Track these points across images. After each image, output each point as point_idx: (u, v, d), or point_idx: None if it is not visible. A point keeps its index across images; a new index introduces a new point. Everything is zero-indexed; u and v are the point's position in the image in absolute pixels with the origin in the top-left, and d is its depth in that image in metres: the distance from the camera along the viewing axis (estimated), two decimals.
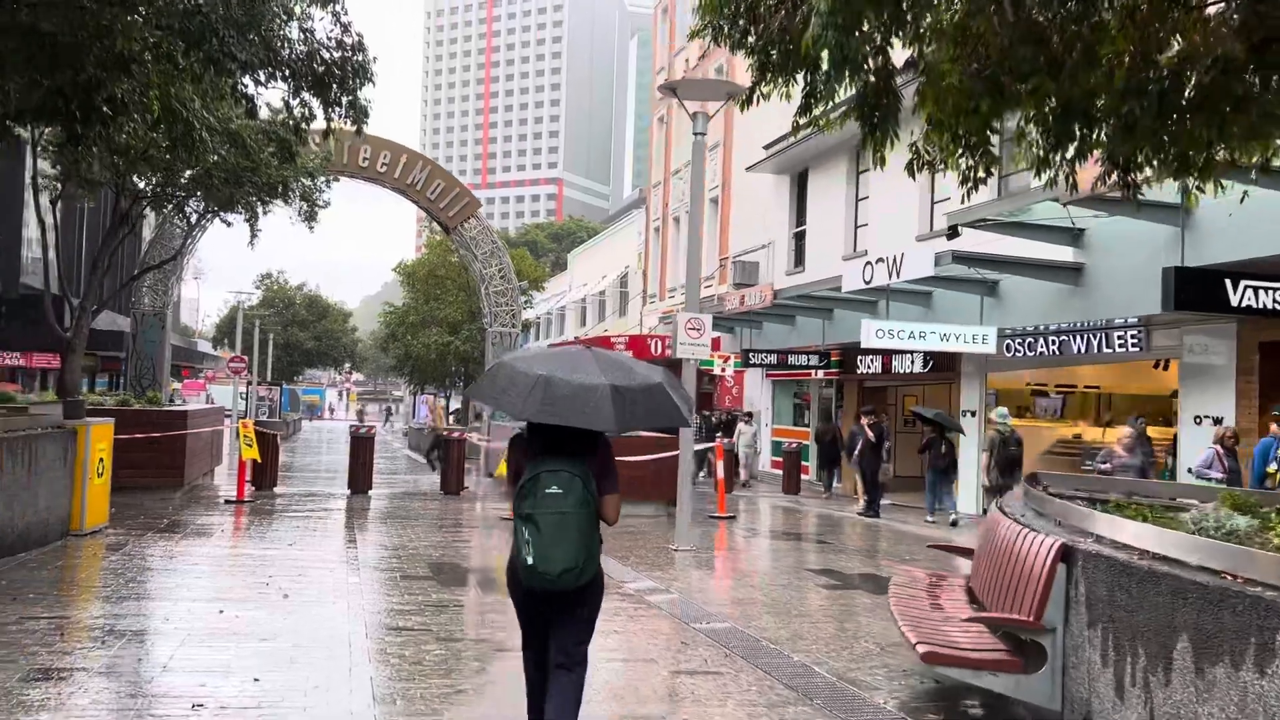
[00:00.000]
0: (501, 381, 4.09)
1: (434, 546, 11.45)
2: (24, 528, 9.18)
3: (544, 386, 3.90)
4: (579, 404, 3.88)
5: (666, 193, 36.13)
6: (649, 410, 4.11)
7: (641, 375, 4.17)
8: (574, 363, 4.10)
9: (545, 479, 3.92)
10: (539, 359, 4.20)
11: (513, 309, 22.39)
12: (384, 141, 21.60)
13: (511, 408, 4.03)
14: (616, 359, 4.31)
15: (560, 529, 3.88)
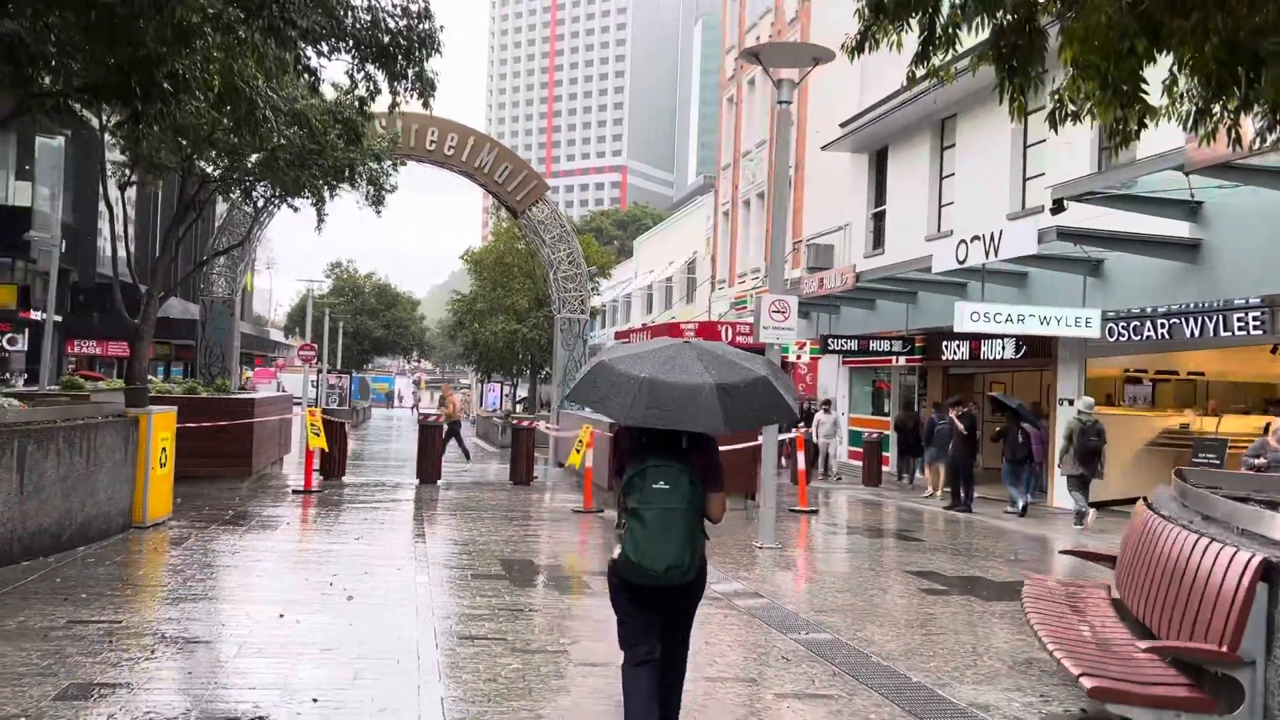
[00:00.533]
0: (603, 385, 4.02)
1: (505, 541, 10.88)
2: (83, 521, 8.80)
3: (648, 390, 3.84)
4: (685, 406, 3.82)
5: (736, 175, 35.24)
6: (756, 408, 4.04)
7: (745, 370, 4.06)
8: (675, 360, 4.01)
9: (652, 474, 3.90)
10: (638, 358, 4.09)
11: (581, 295, 21.79)
12: (451, 123, 21.12)
13: (616, 413, 3.95)
14: (717, 351, 4.17)
15: (667, 525, 3.86)
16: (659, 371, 3.92)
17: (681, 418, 3.84)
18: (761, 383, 4.04)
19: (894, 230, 23.44)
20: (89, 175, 28.70)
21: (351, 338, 61.22)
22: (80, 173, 26.53)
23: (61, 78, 10.91)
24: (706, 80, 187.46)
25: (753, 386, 4.00)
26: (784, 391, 4.13)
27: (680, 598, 4.12)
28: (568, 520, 13.21)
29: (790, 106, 11.72)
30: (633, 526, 3.89)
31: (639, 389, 3.86)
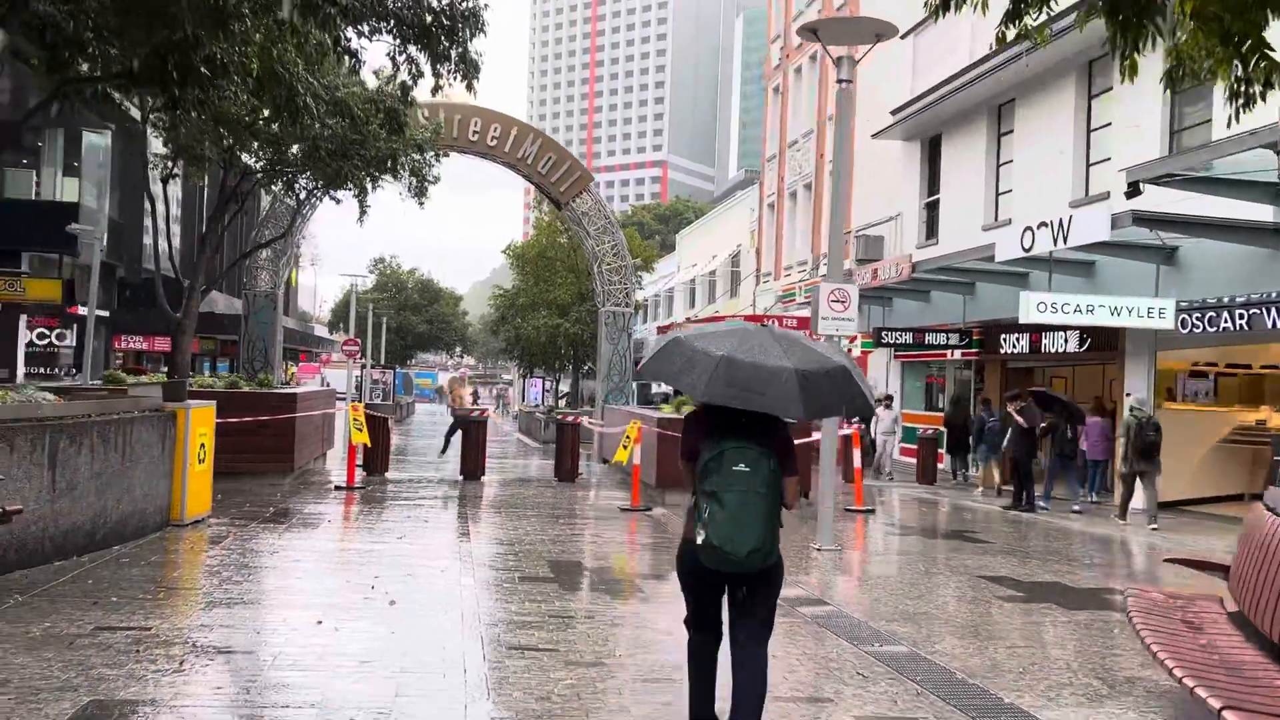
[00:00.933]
0: (679, 360, 3.96)
1: (552, 541, 10.46)
2: (119, 519, 8.50)
3: (726, 367, 3.78)
4: (764, 388, 3.76)
5: (782, 167, 34.58)
6: (835, 397, 3.97)
7: (824, 357, 4.00)
8: (754, 341, 3.94)
9: (731, 455, 3.81)
10: (716, 336, 4.02)
11: (626, 288, 21.32)
12: (494, 114, 20.75)
13: (692, 387, 3.88)
14: (796, 338, 4.11)
15: (747, 507, 3.78)
16: (737, 351, 3.85)
17: (761, 399, 3.77)
18: (840, 371, 3.96)
19: (948, 220, 22.72)
20: (135, 171, 28.78)
21: (395, 333, 61.32)
22: (127, 169, 26.54)
23: (99, 65, 10.67)
24: (748, 74, 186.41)
25: (831, 375, 3.92)
26: (861, 383, 4.07)
27: (759, 583, 4.04)
28: (615, 518, 12.76)
29: (851, 85, 11.14)
30: (712, 510, 3.78)
31: (716, 366, 3.79)
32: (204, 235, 16.04)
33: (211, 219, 16.13)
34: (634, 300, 22.02)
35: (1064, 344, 17.39)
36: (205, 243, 15.93)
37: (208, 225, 16.23)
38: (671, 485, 14.46)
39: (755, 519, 3.79)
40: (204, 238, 15.94)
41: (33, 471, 7.23)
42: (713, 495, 3.80)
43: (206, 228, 16.12)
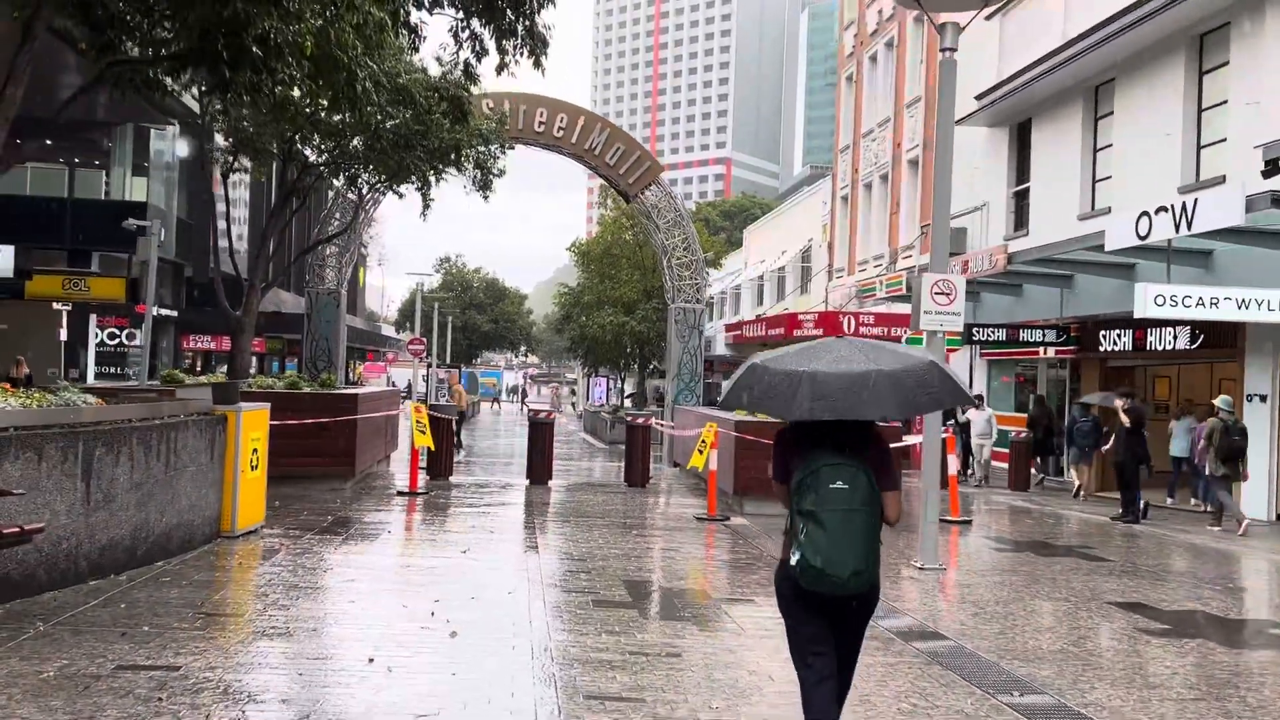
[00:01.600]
0: (758, 386, 3.85)
1: (627, 557, 9.62)
2: (162, 532, 7.86)
3: (811, 382, 3.69)
4: (853, 395, 3.66)
5: (856, 157, 33.34)
6: (929, 391, 3.79)
7: (910, 356, 3.90)
8: (834, 352, 3.85)
9: (827, 473, 3.67)
10: (793, 355, 3.91)
11: (697, 283, 20.40)
12: (561, 103, 19.99)
13: (779, 410, 3.75)
14: (874, 345, 3.98)
15: (848, 527, 3.65)
16: (819, 364, 3.75)
17: (851, 407, 3.64)
18: (929, 366, 3.83)
19: (1040, 209, 21.38)
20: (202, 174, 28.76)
21: (460, 332, 61.23)
22: (195, 168, 26.45)
23: (147, 47, 10.11)
24: (814, 69, 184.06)
25: (921, 371, 3.79)
26: (954, 376, 3.91)
27: (858, 606, 3.89)
28: (691, 530, 11.88)
29: (954, 54, 10.11)
30: (810, 531, 3.64)
31: (801, 383, 3.68)
32: (264, 231, 15.54)
33: (272, 214, 15.62)
34: (705, 296, 21.08)
35: (1173, 340, 16.08)
36: (265, 239, 15.43)
37: (268, 221, 15.72)
38: (750, 493, 13.53)
39: (857, 538, 3.64)
40: (264, 234, 15.43)
41: (64, 483, 6.60)
42: (810, 515, 3.65)
43: (267, 223, 15.61)
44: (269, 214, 15.81)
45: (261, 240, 15.66)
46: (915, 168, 28.50)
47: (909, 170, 28.89)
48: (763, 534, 11.64)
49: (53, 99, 23.06)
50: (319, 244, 19.17)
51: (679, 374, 20.04)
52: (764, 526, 12.24)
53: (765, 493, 13.47)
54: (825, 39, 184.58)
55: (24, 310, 25.37)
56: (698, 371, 20.17)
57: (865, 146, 32.68)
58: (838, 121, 36.67)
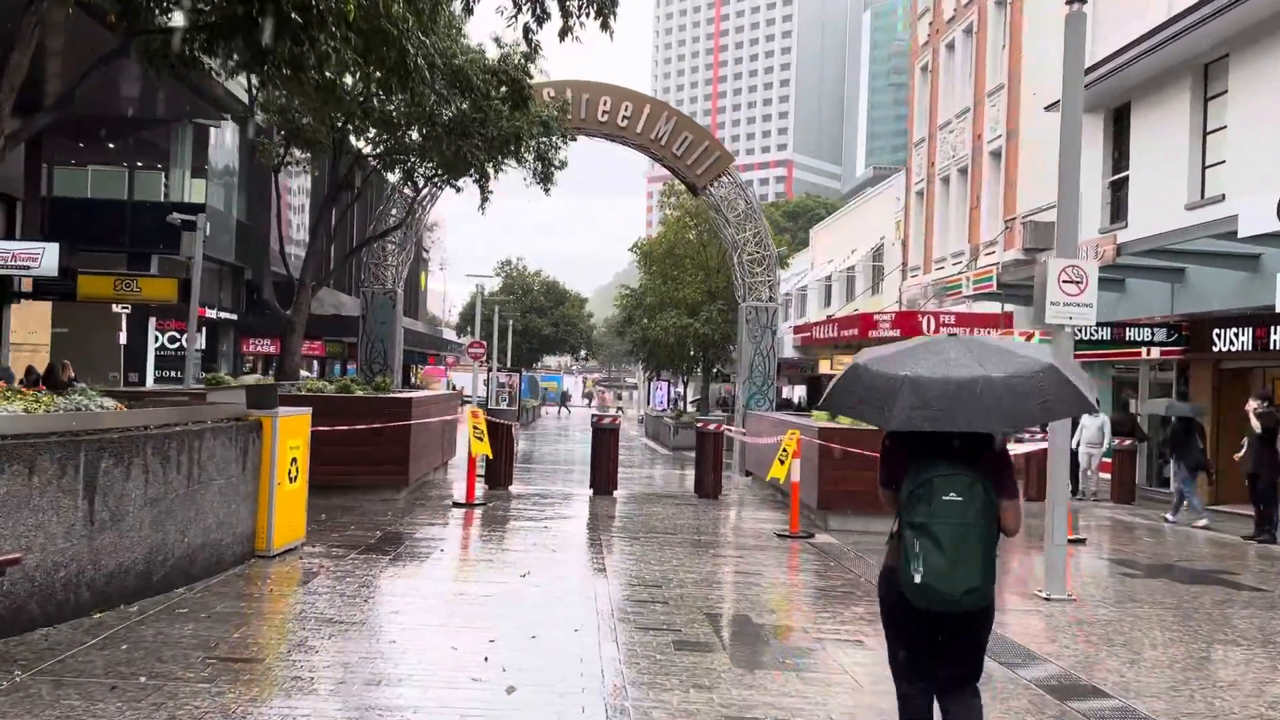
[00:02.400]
0: (858, 390, 3.63)
1: (706, 582, 8.49)
2: (183, 554, 6.93)
3: (911, 388, 3.44)
4: (956, 403, 3.38)
5: (933, 150, 31.79)
6: (1043, 400, 3.47)
7: (1026, 359, 3.56)
8: (940, 355, 3.57)
9: (940, 484, 3.46)
10: (897, 356, 3.64)
11: (770, 280, 19.18)
12: (625, 90, 18.92)
13: (875, 417, 3.52)
14: (990, 343, 3.67)
15: (963, 542, 3.43)
16: (923, 368, 3.52)
17: (954, 417, 3.40)
18: (1047, 371, 3.53)
19: (1140, 198, 19.77)
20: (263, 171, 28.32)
21: (520, 335, 60.63)
22: (255, 171, 25.98)
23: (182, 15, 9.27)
24: (876, 69, 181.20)
25: (1037, 377, 3.49)
26: (1076, 379, 3.59)
27: (974, 624, 3.67)
28: (773, 549, 10.70)
29: (1082, 8, 8.81)
30: (922, 545, 3.46)
31: (900, 388, 3.47)
32: (314, 226, 14.74)
33: (322, 209, 14.82)
34: (778, 294, 19.86)
35: None
36: (315, 235, 14.63)
37: (318, 216, 14.92)
38: (835, 507, 12.31)
39: (972, 554, 3.45)
40: (314, 229, 14.64)
41: (61, 500, 5.68)
42: (923, 529, 3.46)
43: (317, 219, 14.81)
44: (319, 209, 15.01)
45: (311, 237, 14.85)
46: (998, 159, 26.93)
47: (991, 162, 27.33)
48: (854, 554, 10.43)
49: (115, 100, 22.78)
50: (372, 240, 18.35)
51: (750, 377, 18.82)
52: (854, 545, 11.03)
53: (853, 507, 12.25)
54: (888, 38, 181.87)
55: (83, 314, 25.09)
56: (770, 374, 18.95)
57: (942, 139, 31.14)
58: (911, 114, 35.11)
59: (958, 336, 3.75)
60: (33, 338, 25.11)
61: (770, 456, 15.14)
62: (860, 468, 12.07)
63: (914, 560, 3.46)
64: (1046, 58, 25.14)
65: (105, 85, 20.86)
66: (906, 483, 3.55)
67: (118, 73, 19.72)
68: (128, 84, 20.98)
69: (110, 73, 20.26)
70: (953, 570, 3.42)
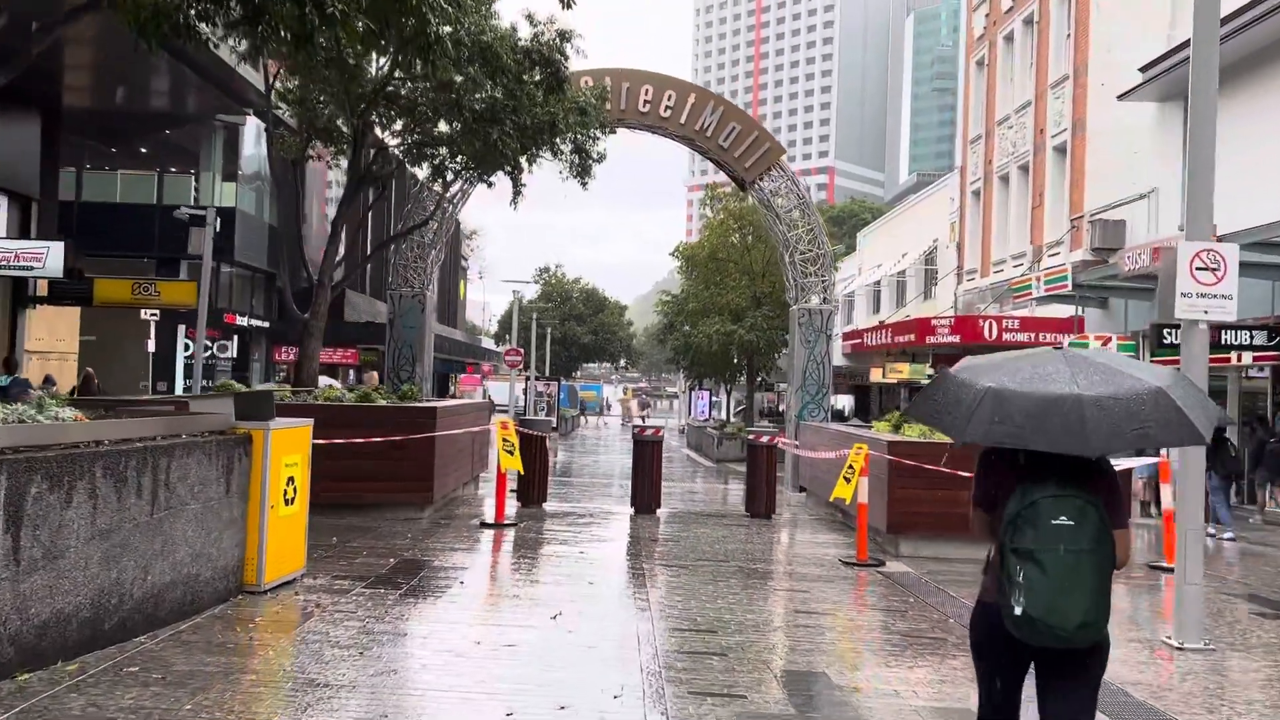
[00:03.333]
0: (941, 398, 3.42)
1: (770, 625, 7.21)
2: (146, 595, 5.78)
3: (993, 401, 3.22)
4: (1038, 420, 3.14)
5: (990, 148, 30.23)
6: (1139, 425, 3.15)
7: (1132, 379, 3.26)
8: (1035, 367, 3.33)
9: (1049, 507, 3.16)
10: (989, 367, 3.42)
11: (824, 280, 17.81)
12: (668, 78, 17.69)
13: (954, 429, 3.29)
14: (1098, 359, 3.41)
15: (1075, 571, 3.11)
16: (1010, 380, 3.27)
17: (1035, 435, 3.13)
18: (1154, 395, 3.19)
19: (1230, 190, 18.08)
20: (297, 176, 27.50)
21: (559, 344, 59.59)
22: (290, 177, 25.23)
23: None
24: (919, 74, 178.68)
25: (1139, 400, 3.17)
26: (1187, 406, 3.20)
27: (1086, 663, 3.31)
28: (841, 580, 9.38)
29: None
30: (1028, 574, 3.13)
31: (981, 400, 3.24)
32: (334, 223, 13.69)
33: (341, 204, 13.77)
34: (834, 295, 18.50)
35: None
36: (335, 233, 13.58)
37: (337, 213, 13.87)
38: (906, 531, 10.95)
39: (1085, 584, 3.11)
40: (334, 226, 13.59)
41: None
42: (1028, 555, 3.14)
43: (336, 216, 13.76)
44: (339, 205, 13.97)
45: (331, 235, 13.79)
46: (1062, 155, 25.36)
47: (1054, 158, 25.76)
48: (932, 586, 9.09)
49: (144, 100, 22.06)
50: (397, 237, 17.28)
51: (803, 385, 17.47)
52: (930, 575, 9.69)
53: (925, 530, 10.91)
54: (931, 44, 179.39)
55: (112, 321, 24.40)
56: (825, 382, 17.57)
57: (1001, 135, 29.58)
58: (965, 110, 33.56)
59: (1063, 351, 3.45)
60: (60, 345, 24.46)
61: (829, 472, 13.80)
62: (932, 486, 10.73)
63: (1016, 590, 3.15)
64: (1117, 45, 23.62)
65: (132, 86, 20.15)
66: (1010, 503, 3.24)
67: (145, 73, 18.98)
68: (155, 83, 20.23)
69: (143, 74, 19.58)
70: (1062, 601, 3.11)
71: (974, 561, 10.53)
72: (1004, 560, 3.22)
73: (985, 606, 3.40)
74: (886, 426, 13.67)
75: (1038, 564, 3.13)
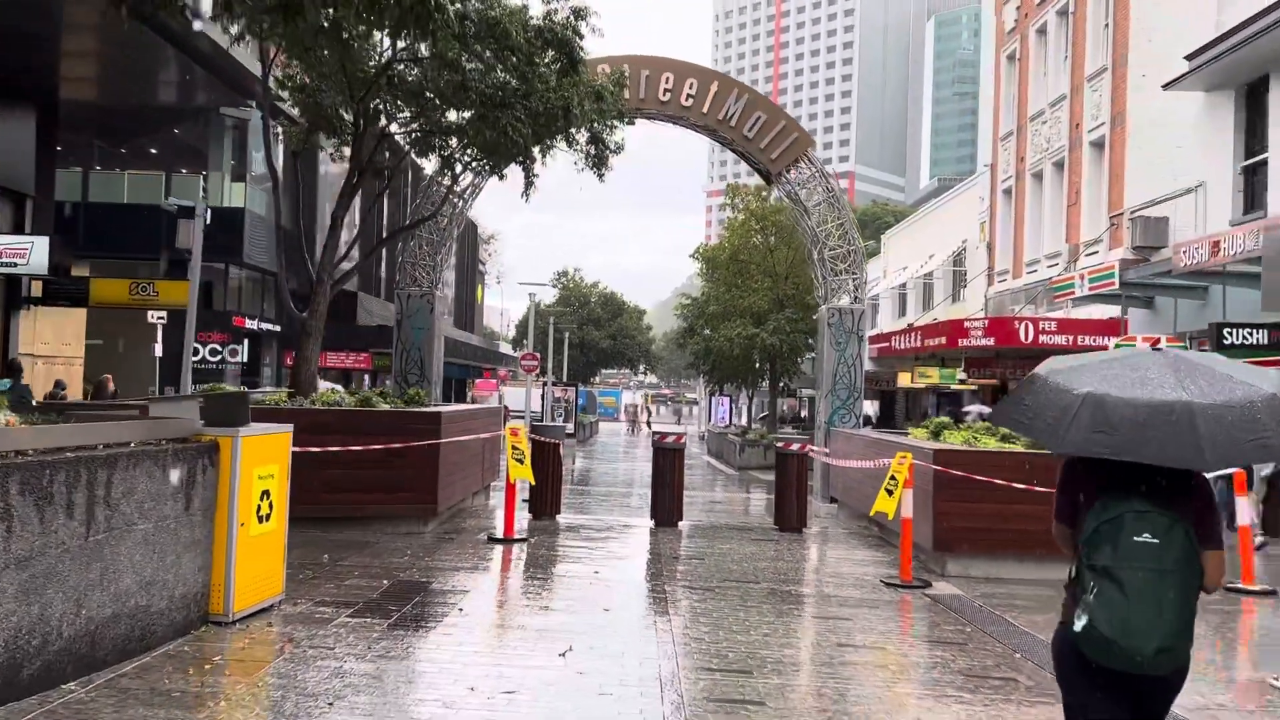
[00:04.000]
0: (1031, 402, 3.20)
1: (812, 663, 6.26)
2: (79, 633, 4.90)
3: (1093, 407, 3.00)
4: (1145, 430, 2.92)
5: (1022, 144, 29.16)
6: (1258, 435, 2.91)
7: (1245, 385, 3.04)
8: (1136, 372, 3.11)
9: (1133, 522, 2.99)
10: (1083, 369, 3.19)
11: (856, 278, 16.81)
12: (688, 65, 16.75)
13: (1047, 436, 3.10)
14: (1203, 362, 3.17)
15: (1157, 592, 2.92)
16: (1111, 384, 3.05)
17: (1141, 445, 2.91)
18: (1267, 402, 2.96)
19: None
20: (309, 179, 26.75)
21: (577, 349, 58.71)
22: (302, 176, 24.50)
23: None
24: (940, 78, 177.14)
25: (1254, 408, 2.94)
26: None
27: (1161, 690, 3.12)
28: (884, 604, 8.42)
29: None
30: (1105, 591, 2.95)
31: (1078, 406, 3.02)
32: (333, 215, 12.85)
33: (340, 196, 12.95)
34: (865, 293, 17.51)
35: None
36: (335, 226, 12.75)
37: (336, 205, 13.05)
38: (955, 548, 9.96)
39: (1166, 608, 2.91)
40: (333, 218, 12.76)
41: None
42: (1106, 573, 2.97)
43: (336, 208, 12.93)
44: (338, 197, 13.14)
45: (330, 228, 12.95)
46: (1100, 149, 24.27)
47: (1092, 153, 24.68)
48: (987, 611, 8.11)
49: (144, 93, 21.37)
50: (400, 232, 16.43)
51: (834, 390, 16.47)
52: (983, 598, 8.72)
53: (974, 547, 9.93)
54: (951, 48, 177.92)
55: (119, 324, 23.77)
56: (857, 386, 16.56)
57: (1034, 131, 28.50)
58: (996, 106, 32.47)
59: (1163, 352, 3.25)
60: (66, 349, 23.81)
61: (863, 482, 12.84)
62: (982, 499, 9.77)
63: (1090, 608, 2.99)
64: (1158, 34, 22.55)
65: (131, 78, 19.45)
66: (1090, 518, 3.09)
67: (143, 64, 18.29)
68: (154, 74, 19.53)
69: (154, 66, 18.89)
70: (1141, 623, 2.91)
71: (1030, 582, 9.57)
72: (1080, 576, 3.07)
73: (1064, 627, 3.18)
74: (924, 434, 12.69)
75: (1115, 582, 2.96)
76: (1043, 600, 8.69)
